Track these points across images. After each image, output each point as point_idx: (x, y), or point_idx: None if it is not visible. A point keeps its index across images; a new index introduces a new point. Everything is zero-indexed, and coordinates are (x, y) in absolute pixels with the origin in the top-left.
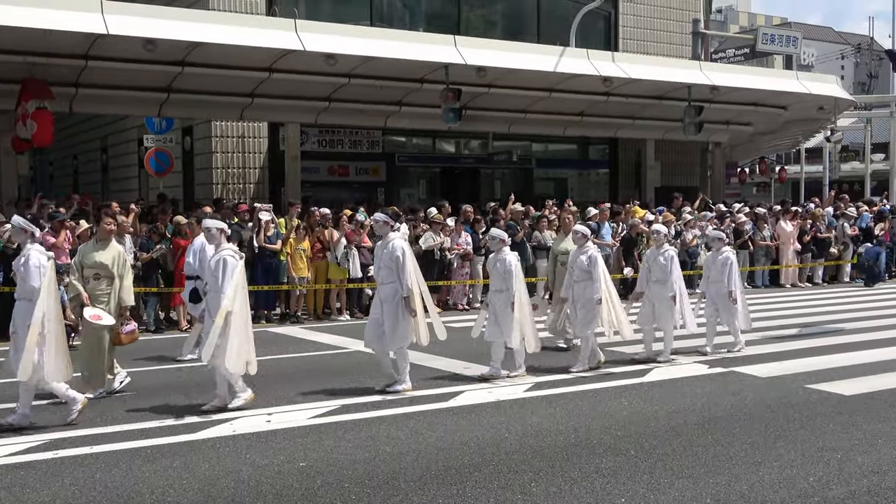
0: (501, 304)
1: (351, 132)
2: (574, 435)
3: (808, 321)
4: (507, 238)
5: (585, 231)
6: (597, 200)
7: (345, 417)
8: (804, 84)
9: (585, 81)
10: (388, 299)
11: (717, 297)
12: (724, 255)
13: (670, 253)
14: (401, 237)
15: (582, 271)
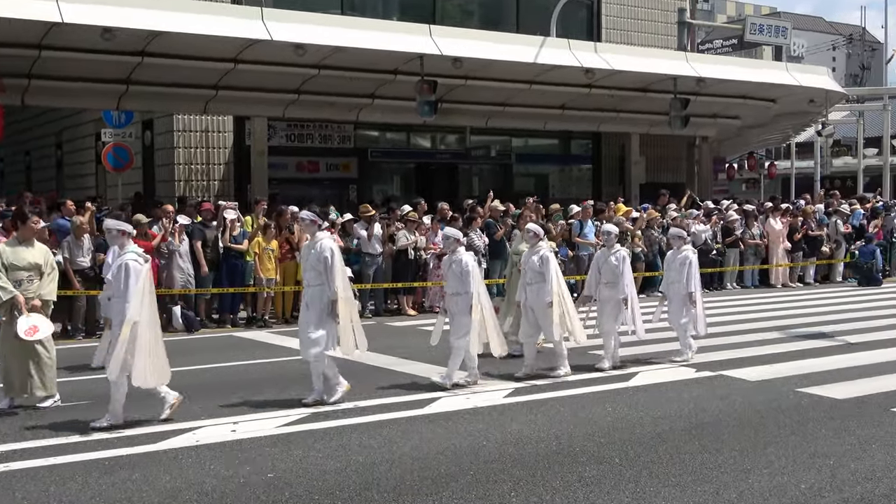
0: (459, 308)
1: (321, 126)
2: (556, 442)
3: (799, 322)
4: (463, 238)
5: (537, 230)
6: (579, 197)
7: (315, 426)
8: (794, 76)
9: (567, 73)
10: (313, 303)
11: (675, 298)
12: (684, 255)
13: (622, 254)
14: (329, 237)
15: (535, 273)
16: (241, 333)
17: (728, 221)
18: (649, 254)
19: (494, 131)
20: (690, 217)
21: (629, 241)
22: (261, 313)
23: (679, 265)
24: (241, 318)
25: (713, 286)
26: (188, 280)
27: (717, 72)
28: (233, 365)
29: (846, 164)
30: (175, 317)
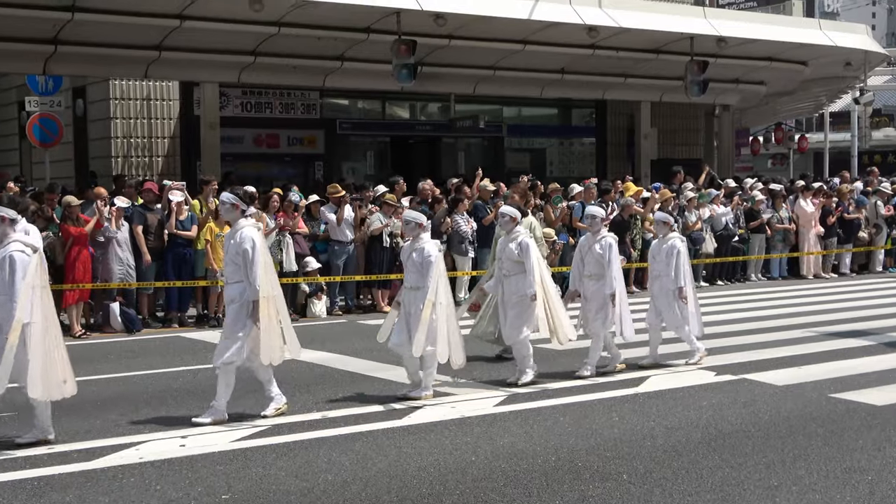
0: (415, 304)
1: (282, 94)
2: (554, 457)
3: (832, 319)
4: (426, 221)
5: (513, 213)
6: (581, 175)
7: (276, 440)
8: (828, 35)
9: (567, 31)
10: (232, 302)
11: (660, 294)
12: (670, 244)
13: (608, 241)
14: (253, 225)
15: (512, 263)
16: (189, 334)
17: (755, 202)
18: None
19: (483, 99)
20: (710, 198)
21: (639, 227)
22: (213, 310)
23: (666, 256)
24: (190, 316)
25: (735, 278)
26: (128, 272)
27: (740, 30)
28: (181, 370)
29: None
30: (113, 315)
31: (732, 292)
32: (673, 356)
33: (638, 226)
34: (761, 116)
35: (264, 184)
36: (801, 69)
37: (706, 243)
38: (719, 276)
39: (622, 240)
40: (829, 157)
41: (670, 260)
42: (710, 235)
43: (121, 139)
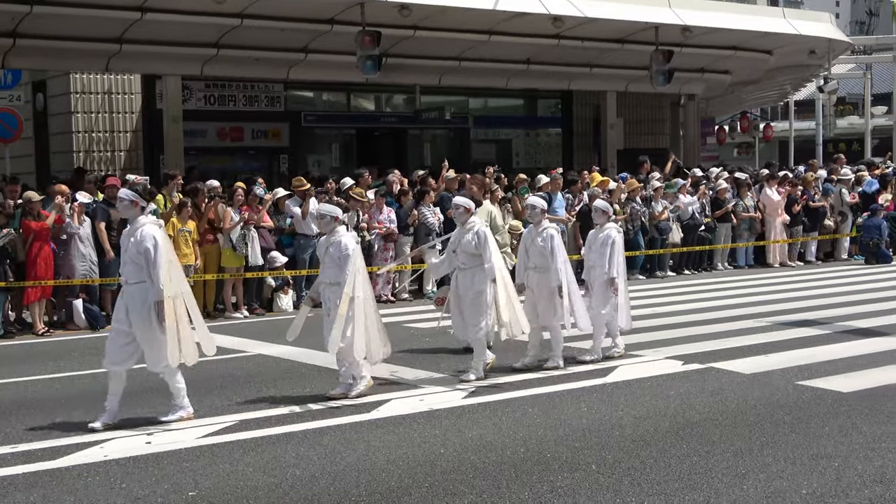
0: (335, 300)
1: (245, 86)
2: (523, 448)
3: (799, 307)
4: (341, 214)
5: (467, 203)
6: (548, 166)
7: (243, 435)
8: (792, 23)
9: (532, 22)
10: (134, 304)
11: (595, 285)
12: (606, 233)
13: (550, 232)
14: (154, 223)
15: (468, 255)
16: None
17: (718, 192)
18: (631, 230)
19: (449, 91)
20: (676, 187)
21: None
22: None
23: (601, 245)
24: None
25: (702, 266)
26: (91, 268)
27: (705, 19)
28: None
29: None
30: (76, 312)
31: (699, 281)
32: (642, 346)
33: None
34: (727, 105)
35: (228, 178)
36: (765, 58)
37: (673, 233)
38: (686, 265)
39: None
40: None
41: (604, 249)
42: (677, 225)
43: (82, 134)
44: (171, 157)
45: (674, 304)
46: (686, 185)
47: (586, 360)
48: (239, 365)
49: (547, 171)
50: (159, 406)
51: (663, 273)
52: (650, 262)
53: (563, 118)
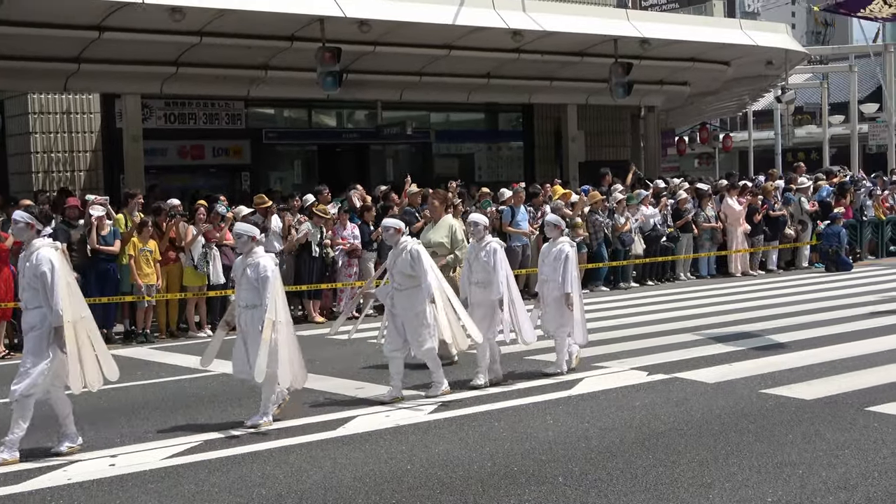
0: (253, 323)
1: (206, 104)
2: (490, 463)
3: (761, 315)
4: (259, 234)
5: (397, 224)
6: (510, 179)
7: (209, 456)
8: (749, 34)
9: (491, 36)
10: (32, 329)
11: (549, 299)
12: (559, 248)
13: (493, 246)
14: (49, 245)
15: (404, 276)
16: (118, 350)
17: (679, 202)
18: (594, 242)
19: (410, 106)
20: (639, 199)
21: (570, 229)
22: (141, 326)
23: (554, 260)
24: (118, 332)
25: (665, 277)
26: None
27: (663, 31)
28: (109, 388)
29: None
30: None
31: (662, 292)
32: (607, 357)
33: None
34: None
35: (189, 196)
36: (723, 69)
37: (636, 244)
38: (649, 276)
39: None
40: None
41: (558, 264)
42: (639, 237)
43: (41, 154)
44: (132, 177)
45: (638, 315)
46: (648, 196)
47: (549, 372)
48: (203, 384)
49: (509, 184)
50: (123, 426)
51: (627, 284)
52: (614, 273)
53: (524, 131)
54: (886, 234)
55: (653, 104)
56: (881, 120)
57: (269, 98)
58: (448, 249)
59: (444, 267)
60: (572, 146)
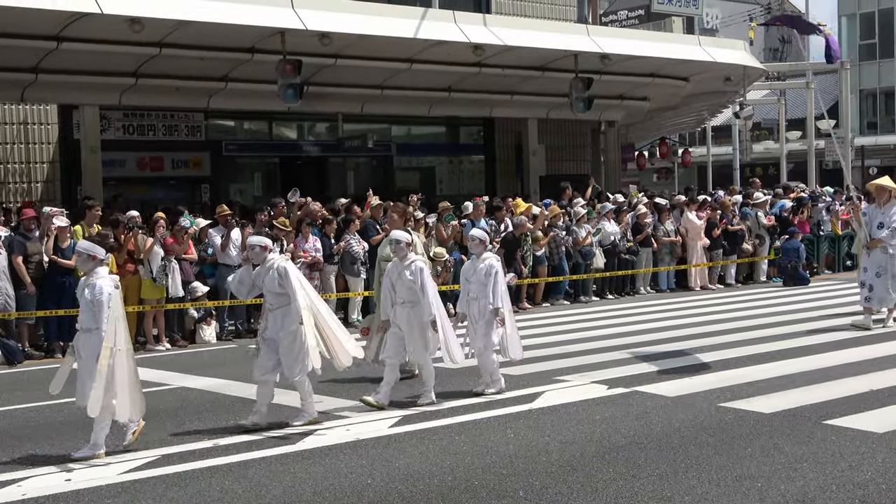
0: (89, 351)
1: (165, 116)
2: (451, 477)
3: (720, 329)
4: (102, 253)
5: (263, 242)
6: (471, 193)
7: (166, 470)
8: (708, 51)
9: (453, 50)
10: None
11: (479, 317)
12: (487, 263)
13: (418, 265)
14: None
15: (274, 295)
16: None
17: (638, 217)
18: (555, 256)
19: (371, 119)
20: (603, 212)
21: (529, 244)
22: None
23: (484, 276)
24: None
25: (625, 291)
26: (6, 302)
27: (623, 47)
28: (65, 402)
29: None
30: None
31: (622, 305)
32: (567, 371)
33: (528, 242)
34: (646, 132)
35: (149, 208)
36: (682, 85)
37: (596, 258)
38: (609, 289)
39: (512, 257)
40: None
41: (487, 280)
42: (600, 250)
43: None
44: (90, 188)
45: (598, 329)
46: (610, 210)
47: (490, 392)
48: (161, 398)
49: (470, 197)
50: (80, 441)
51: (587, 298)
52: (574, 287)
53: (485, 145)
54: (843, 249)
55: (613, 119)
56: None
57: (230, 110)
58: None
59: None
60: (533, 160)
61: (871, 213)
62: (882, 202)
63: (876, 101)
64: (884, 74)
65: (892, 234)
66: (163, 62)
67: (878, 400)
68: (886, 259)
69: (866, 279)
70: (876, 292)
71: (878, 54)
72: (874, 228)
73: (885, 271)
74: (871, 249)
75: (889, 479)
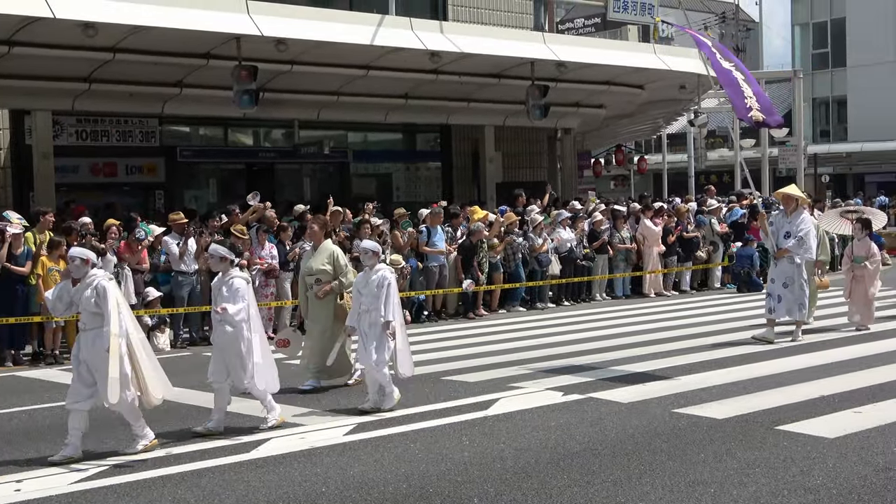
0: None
1: (119, 121)
2: (405, 484)
3: (675, 335)
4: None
5: (84, 255)
6: (428, 200)
7: (118, 480)
8: (663, 59)
9: (409, 57)
10: None
11: (369, 330)
12: (380, 275)
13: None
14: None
15: (89, 315)
16: (25, 373)
17: (594, 224)
18: (511, 263)
19: (327, 125)
20: (559, 219)
21: (485, 250)
22: (50, 348)
23: (376, 288)
24: (26, 354)
25: (581, 297)
26: None
27: (579, 55)
28: (15, 411)
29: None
30: None
31: (578, 312)
32: (522, 377)
33: (485, 249)
34: (602, 139)
35: (102, 215)
36: (638, 92)
37: (552, 265)
38: (565, 296)
39: (469, 263)
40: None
41: (380, 292)
42: (556, 257)
43: None
44: (42, 194)
45: (554, 336)
46: (566, 217)
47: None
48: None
49: (427, 204)
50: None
51: (543, 304)
52: (530, 293)
53: (442, 152)
54: None
55: (569, 126)
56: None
57: (185, 116)
58: (331, 276)
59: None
60: (490, 167)
61: (777, 223)
62: (789, 211)
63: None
64: (836, 83)
65: (798, 243)
66: (117, 67)
67: (828, 405)
68: (793, 269)
69: (773, 290)
70: (783, 303)
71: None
72: (781, 238)
73: (792, 281)
74: (778, 259)
75: (839, 483)
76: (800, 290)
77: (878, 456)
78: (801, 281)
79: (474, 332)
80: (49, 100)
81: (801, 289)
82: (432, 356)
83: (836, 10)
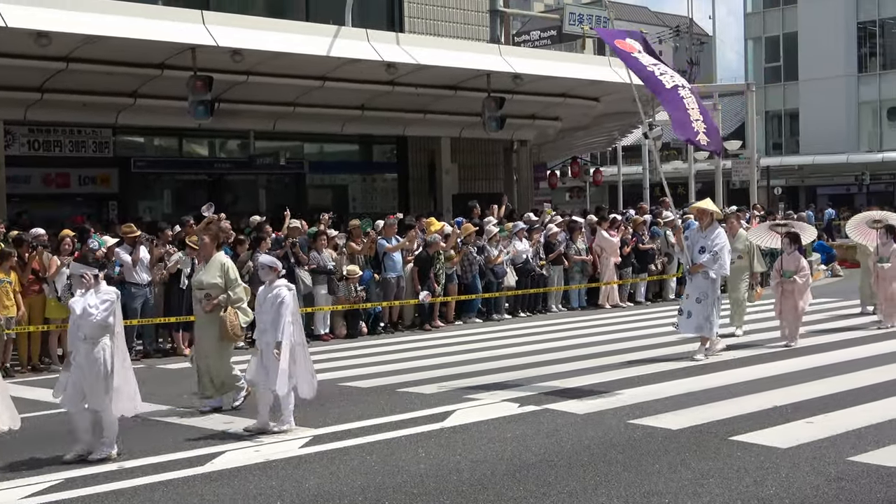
0: None
1: (72, 132)
2: (361, 497)
3: (630, 346)
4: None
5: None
6: (384, 211)
7: (70, 494)
8: (618, 72)
9: (366, 68)
10: None
11: (266, 349)
12: (276, 292)
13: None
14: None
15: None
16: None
17: (549, 236)
18: (467, 274)
19: (283, 136)
20: (514, 230)
21: (442, 262)
22: (0, 359)
23: (271, 306)
24: None
25: (537, 309)
26: None
27: (535, 67)
28: None
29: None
30: None
31: (534, 323)
32: (478, 389)
33: (441, 260)
34: (558, 151)
35: (55, 226)
36: (593, 105)
37: (508, 276)
38: (521, 307)
39: (426, 275)
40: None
41: (279, 310)
42: (511, 268)
43: None
44: None
45: (510, 347)
46: (523, 228)
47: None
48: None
49: (384, 215)
50: None
51: (499, 316)
52: (486, 305)
53: (398, 163)
54: None
55: (525, 138)
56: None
57: (139, 126)
58: (221, 289)
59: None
60: (446, 178)
61: (693, 237)
62: (704, 226)
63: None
64: (788, 96)
65: (713, 258)
66: (70, 77)
67: (781, 416)
68: (708, 285)
69: (686, 306)
70: (693, 319)
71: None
72: (696, 253)
73: (706, 297)
74: (693, 275)
75: (792, 494)
76: (711, 306)
77: (830, 466)
78: (714, 297)
79: (431, 344)
80: (0, 109)
81: (713, 305)
82: (388, 368)
83: (789, 24)
